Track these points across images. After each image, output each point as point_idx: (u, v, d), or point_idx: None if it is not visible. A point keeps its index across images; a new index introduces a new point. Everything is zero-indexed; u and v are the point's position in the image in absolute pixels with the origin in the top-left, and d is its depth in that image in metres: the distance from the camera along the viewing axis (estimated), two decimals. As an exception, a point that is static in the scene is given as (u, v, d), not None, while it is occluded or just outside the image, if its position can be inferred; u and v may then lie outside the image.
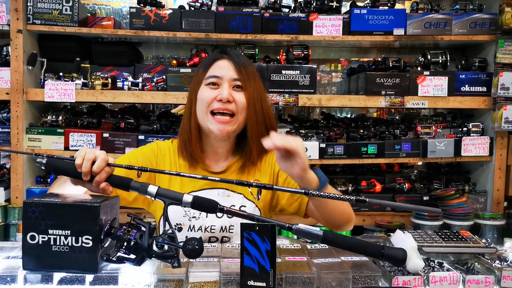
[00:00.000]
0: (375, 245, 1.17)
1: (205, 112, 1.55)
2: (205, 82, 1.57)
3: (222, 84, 1.55)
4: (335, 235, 1.16)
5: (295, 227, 1.14)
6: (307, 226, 1.15)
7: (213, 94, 1.54)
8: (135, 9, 2.88)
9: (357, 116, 3.45)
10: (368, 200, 1.17)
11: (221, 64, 1.58)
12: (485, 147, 2.99)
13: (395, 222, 2.95)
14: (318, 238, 1.14)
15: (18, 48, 2.80)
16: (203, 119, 1.56)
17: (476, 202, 2.98)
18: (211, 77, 1.56)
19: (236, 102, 1.54)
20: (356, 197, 1.17)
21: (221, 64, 1.58)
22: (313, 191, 1.21)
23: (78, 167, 1.22)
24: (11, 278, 1.16)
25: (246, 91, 1.56)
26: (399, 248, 1.17)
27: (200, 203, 1.17)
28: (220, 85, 1.55)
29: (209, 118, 1.54)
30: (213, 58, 1.61)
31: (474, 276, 1.25)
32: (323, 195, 1.21)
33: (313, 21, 2.92)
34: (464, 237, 1.48)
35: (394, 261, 1.16)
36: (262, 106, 1.58)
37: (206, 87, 1.57)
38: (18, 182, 2.85)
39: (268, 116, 1.59)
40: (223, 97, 1.52)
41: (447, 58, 3.02)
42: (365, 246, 1.17)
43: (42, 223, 1.14)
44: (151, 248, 1.08)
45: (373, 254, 1.16)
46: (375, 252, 1.15)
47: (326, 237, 1.14)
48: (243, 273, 1.11)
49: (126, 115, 3.06)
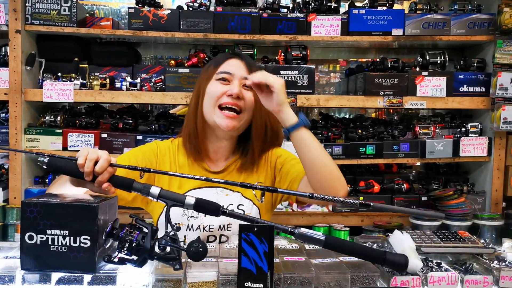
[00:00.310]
0: (377, 250, 1.18)
1: (213, 106, 1.55)
2: (215, 77, 1.59)
3: (232, 80, 1.57)
4: (337, 240, 1.17)
5: (297, 232, 1.14)
6: (309, 231, 1.16)
7: (223, 88, 1.56)
8: (134, 9, 2.88)
9: (355, 117, 3.45)
10: (372, 204, 1.18)
11: (233, 63, 1.61)
12: (484, 147, 3.00)
13: (394, 222, 2.95)
14: (320, 243, 1.14)
15: (16, 48, 2.80)
16: (210, 113, 1.56)
17: (475, 202, 2.98)
18: (223, 72, 1.58)
19: (245, 100, 1.56)
20: (360, 201, 1.18)
21: (233, 63, 1.61)
22: (317, 195, 1.22)
23: (81, 167, 1.21)
24: (9, 278, 1.15)
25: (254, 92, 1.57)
26: (401, 254, 1.17)
27: (203, 206, 1.17)
28: (231, 82, 1.57)
29: (217, 112, 1.55)
30: (226, 57, 1.64)
31: (473, 276, 1.25)
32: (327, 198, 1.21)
33: (311, 21, 2.92)
34: (463, 237, 1.49)
35: (396, 267, 1.17)
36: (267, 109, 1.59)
37: (216, 82, 1.58)
38: (16, 183, 2.85)
39: (273, 118, 1.59)
40: (233, 92, 1.53)
41: (446, 58, 3.02)
42: (367, 251, 1.18)
43: (41, 223, 1.13)
44: (153, 249, 1.08)
45: (375, 260, 1.17)
46: (377, 257, 1.16)
47: (328, 242, 1.15)
48: (241, 275, 1.11)
49: (125, 115, 3.06)
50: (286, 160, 1.65)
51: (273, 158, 1.67)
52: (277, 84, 1.43)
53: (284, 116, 1.46)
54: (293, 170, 1.60)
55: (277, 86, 1.43)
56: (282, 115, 1.46)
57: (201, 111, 1.59)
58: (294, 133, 1.46)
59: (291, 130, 1.46)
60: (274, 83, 1.43)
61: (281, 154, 1.68)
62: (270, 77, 1.43)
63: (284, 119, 1.46)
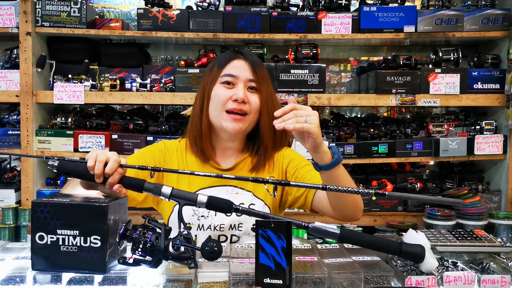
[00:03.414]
0: (393, 242, 1.16)
1: (219, 111, 1.54)
2: (220, 80, 1.56)
3: (237, 84, 1.55)
4: (352, 233, 1.15)
5: (312, 225, 1.13)
6: (323, 224, 1.14)
7: (228, 93, 1.54)
8: (143, 10, 2.89)
9: (367, 116, 3.41)
10: (387, 193, 1.15)
11: (237, 64, 1.57)
12: (499, 145, 2.94)
13: (407, 222, 2.91)
14: (335, 236, 1.13)
15: (27, 50, 2.82)
16: (216, 116, 1.55)
17: (490, 201, 2.93)
18: (227, 75, 1.55)
19: (250, 103, 1.54)
20: (375, 191, 1.15)
21: (237, 64, 1.57)
22: (331, 186, 1.19)
23: (91, 169, 1.21)
24: (20, 279, 1.15)
25: (260, 93, 1.56)
26: (417, 245, 1.15)
27: (215, 204, 1.16)
28: (236, 85, 1.55)
29: (224, 115, 1.53)
30: (229, 57, 1.60)
31: (490, 276, 1.21)
32: (340, 190, 1.19)
33: (322, 19, 2.90)
34: (479, 236, 1.45)
35: (413, 258, 1.15)
36: (274, 108, 1.56)
37: (221, 85, 1.56)
38: (28, 184, 2.86)
39: None
40: (238, 97, 1.51)
41: (459, 55, 2.97)
42: (382, 243, 1.16)
43: (51, 223, 1.13)
44: (167, 249, 1.08)
45: (391, 251, 1.15)
46: (393, 248, 1.14)
47: (343, 235, 1.13)
48: (259, 271, 1.10)
49: (135, 116, 3.07)
50: (299, 165, 1.62)
51: (285, 160, 1.65)
52: (313, 129, 1.28)
53: (319, 156, 1.35)
54: (307, 179, 1.57)
55: (313, 131, 1.28)
56: (318, 155, 1.35)
57: (207, 115, 1.58)
58: (327, 171, 1.37)
59: (325, 168, 1.37)
60: (309, 129, 1.28)
61: (294, 157, 1.66)
62: (303, 124, 1.27)
63: (319, 159, 1.35)
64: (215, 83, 1.57)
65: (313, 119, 1.30)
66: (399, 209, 2.98)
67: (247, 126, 1.56)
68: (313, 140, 1.31)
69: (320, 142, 1.32)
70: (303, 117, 1.28)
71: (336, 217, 1.50)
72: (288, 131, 1.63)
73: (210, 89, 1.57)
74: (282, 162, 1.65)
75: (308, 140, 1.32)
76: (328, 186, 1.19)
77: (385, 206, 2.97)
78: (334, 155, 1.35)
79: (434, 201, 1.32)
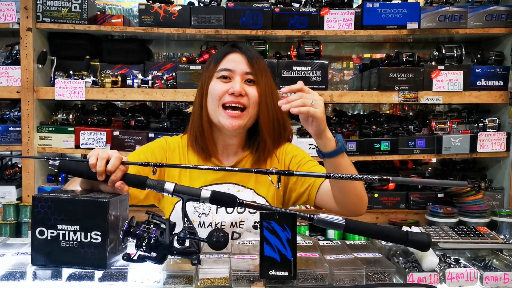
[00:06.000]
0: (399, 231, 1.15)
1: (216, 106, 1.53)
2: (216, 76, 1.55)
3: (234, 77, 1.53)
4: (357, 222, 1.14)
5: (317, 217, 1.12)
6: (328, 216, 1.14)
7: (225, 87, 1.52)
8: (144, 5, 2.87)
9: (369, 113, 3.40)
10: (392, 178, 1.15)
11: (233, 58, 1.56)
12: (502, 142, 2.93)
13: (409, 219, 2.90)
14: (340, 227, 1.12)
15: (28, 46, 2.81)
16: (214, 113, 1.54)
17: (493, 199, 2.91)
18: (223, 70, 1.54)
19: (248, 96, 1.52)
20: (379, 177, 1.14)
21: (233, 58, 1.56)
22: (335, 174, 1.19)
23: (93, 167, 1.20)
24: (20, 274, 1.15)
25: (258, 85, 1.54)
26: (422, 233, 1.14)
27: (219, 198, 1.16)
28: (232, 79, 1.54)
29: (221, 111, 1.52)
30: (225, 51, 1.58)
31: (492, 273, 1.20)
32: (345, 177, 1.18)
33: (324, 15, 2.88)
34: (481, 233, 1.45)
35: (419, 246, 1.14)
36: (274, 101, 1.55)
37: (217, 80, 1.55)
38: (29, 181, 2.86)
39: (280, 111, 1.56)
40: (235, 90, 1.50)
41: (463, 52, 2.95)
42: (389, 232, 1.15)
43: (51, 218, 1.13)
44: (172, 245, 1.07)
45: (397, 240, 1.14)
46: (399, 237, 1.13)
47: (349, 225, 1.12)
48: (264, 263, 1.09)
49: (136, 113, 3.06)
50: (302, 161, 1.61)
51: (287, 156, 1.64)
52: (318, 114, 1.29)
53: (322, 142, 1.35)
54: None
55: (318, 116, 1.29)
56: (321, 141, 1.35)
57: (206, 112, 1.56)
58: (330, 158, 1.37)
59: (328, 156, 1.36)
60: (315, 114, 1.28)
61: (296, 153, 1.64)
62: (309, 108, 1.28)
63: (322, 145, 1.35)
64: (212, 79, 1.56)
65: (319, 103, 1.30)
66: (401, 207, 2.97)
67: (247, 122, 1.54)
68: (317, 125, 1.31)
69: (324, 128, 1.33)
70: (310, 100, 1.29)
71: (340, 212, 1.48)
72: (287, 126, 1.63)
73: (208, 85, 1.56)
74: (284, 158, 1.64)
75: (312, 124, 1.32)
76: (332, 174, 1.19)
77: (387, 204, 2.96)
78: (338, 143, 1.35)
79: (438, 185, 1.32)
